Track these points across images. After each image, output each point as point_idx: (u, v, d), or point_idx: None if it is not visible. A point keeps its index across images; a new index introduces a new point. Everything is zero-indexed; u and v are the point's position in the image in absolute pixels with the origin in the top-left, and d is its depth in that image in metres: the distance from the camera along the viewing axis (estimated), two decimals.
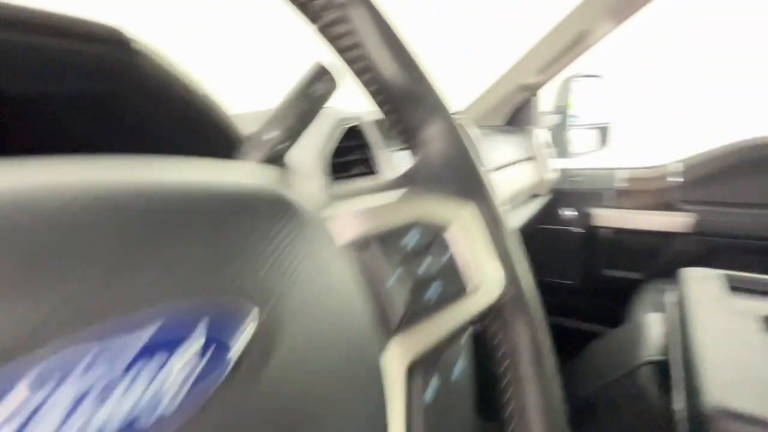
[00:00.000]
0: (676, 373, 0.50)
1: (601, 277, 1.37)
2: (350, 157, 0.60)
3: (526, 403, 0.27)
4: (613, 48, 1.15)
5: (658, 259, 1.28)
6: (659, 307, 0.72)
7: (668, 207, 1.26)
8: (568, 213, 1.38)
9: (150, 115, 0.37)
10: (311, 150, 0.53)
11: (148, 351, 0.12)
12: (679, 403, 0.47)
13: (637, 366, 0.55)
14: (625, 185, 1.32)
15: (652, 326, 0.60)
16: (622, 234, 1.32)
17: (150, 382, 0.12)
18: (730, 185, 1.18)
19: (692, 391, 0.43)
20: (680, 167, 1.26)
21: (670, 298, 0.65)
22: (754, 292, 0.55)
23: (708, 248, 1.21)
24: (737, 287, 0.56)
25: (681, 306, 0.54)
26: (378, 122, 0.67)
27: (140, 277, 0.13)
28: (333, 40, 0.25)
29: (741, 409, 0.39)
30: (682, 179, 1.24)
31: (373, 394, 0.19)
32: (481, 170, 0.29)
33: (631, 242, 1.31)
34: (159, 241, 0.13)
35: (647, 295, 1.04)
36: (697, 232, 1.21)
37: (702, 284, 0.56)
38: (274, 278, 0.16)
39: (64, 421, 0.11)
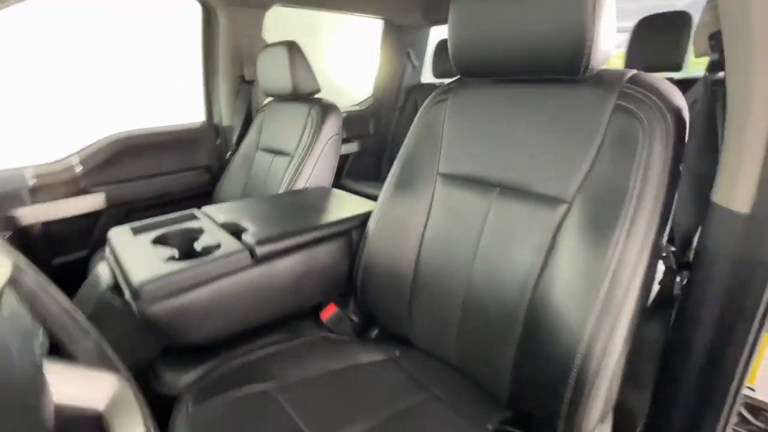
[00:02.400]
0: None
1: (52, 267, 1.50)
2: None
3: None
4: None
5: (93, 234, 1.56)
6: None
7: (83, 191, 1.52)
8: None
9: None
10: None
11: None
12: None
13: None
14: (38, 181, 1.42)
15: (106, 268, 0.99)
16: (53, 225, 1.47)
17: None
18: (121, 166, 1.61)
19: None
20: (77, 159, 1.51)
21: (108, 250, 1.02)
22: (146, 230, 1.00)
23: (122, 212, 1.61)
24: (137, 230, 1.00)
25: (113, 248, 0.93)
26: None
27: None
28: None
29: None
30: (82, 168, 1.52)
31: None
32: None
33: (65, 229, 1.50)
34: None
35: (99, 258, 1.34)
36: (111, 205, 1.57)
37: (119, 235, 0.98)
38: None
39: None
